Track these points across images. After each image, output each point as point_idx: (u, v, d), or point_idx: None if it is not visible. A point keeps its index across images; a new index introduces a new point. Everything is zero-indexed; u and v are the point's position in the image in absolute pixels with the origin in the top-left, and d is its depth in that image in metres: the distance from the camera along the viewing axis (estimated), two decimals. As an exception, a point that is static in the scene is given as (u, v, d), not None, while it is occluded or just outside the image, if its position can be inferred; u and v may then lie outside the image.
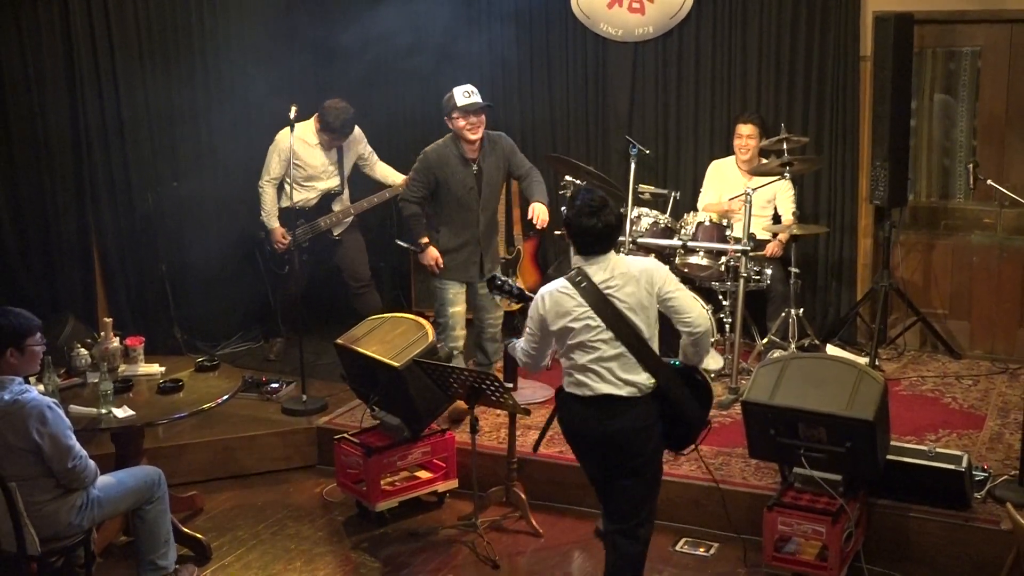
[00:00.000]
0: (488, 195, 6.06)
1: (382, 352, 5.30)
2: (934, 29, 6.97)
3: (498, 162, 6.06)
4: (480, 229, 6.07)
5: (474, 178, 6.00)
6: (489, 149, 6.03)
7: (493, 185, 6.08)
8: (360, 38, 7.64)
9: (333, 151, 6.96)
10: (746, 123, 6.97)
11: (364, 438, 5.53)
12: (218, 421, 6.13)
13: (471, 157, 5.98)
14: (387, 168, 7.16)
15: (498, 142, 6.10)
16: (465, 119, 5.89)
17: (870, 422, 4.40)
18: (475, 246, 6.10)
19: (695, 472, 5.36)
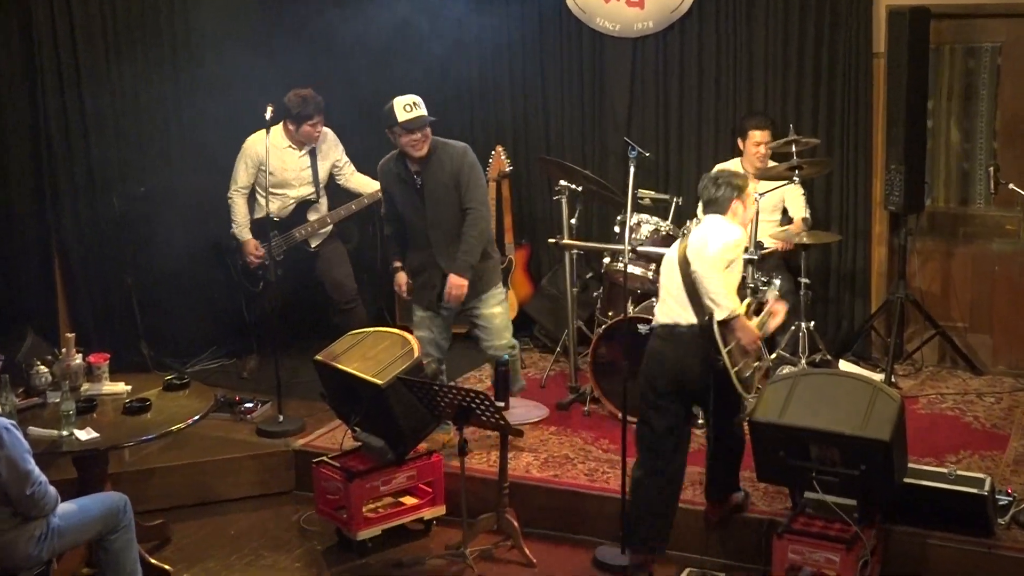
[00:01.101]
0: (437, 213, 5.78)
1: (364, 369, 5.29)
2: (952, 24, 6.99)
3: (446, 180, 5.75)
4: (433, 250, 5.86)
5: (416, 194, 5.80)
6: (436, 162, 5.74)
7: (441, 201, 5.76)
8: (340, 33, 7.66)
9: (305, 156, 6.95)
10: (761, 128, 6.90)
11: (345, 461, 5.52)
12: (188, 444, 6.10)
13: (413, 170, 5.79)
14: (363, 178, 7.14)
15: (451, 157, 5.77)
16: (408, 135, 5.67)
17: (886, 443, 4.40)
18: (433, 269, 5.89)
19: (699, 497, 5.35)
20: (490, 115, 8.14)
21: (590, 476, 5.67)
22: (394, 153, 5.90)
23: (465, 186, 5.77)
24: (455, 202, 5.78)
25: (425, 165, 5.75)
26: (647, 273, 6.62)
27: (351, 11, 7.67)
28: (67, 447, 4.83)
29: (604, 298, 6.96)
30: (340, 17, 7.70)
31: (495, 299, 6.02)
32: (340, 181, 7.15)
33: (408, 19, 7.75)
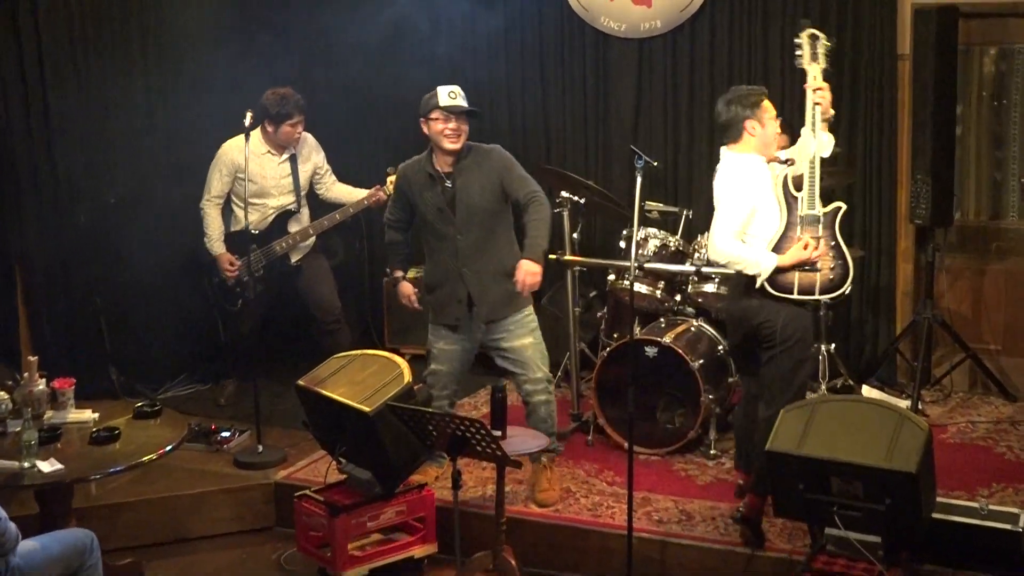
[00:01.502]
0: (468, 217, 5.70)
1: (350, 395, 5.29)
2: (982, 23, 7.03)
3: (483, 181, 5.70)
4: (460, 259, 5.77)
5: (443, 197, 5.74)
6: (471, 163, 5.74)
7: (474, 207, 5.70)
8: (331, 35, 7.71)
9: (285, 163, 6.97)
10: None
11: (329, 495, 5.51)
12: (160, 476, 6.10)
13: (443, 172, 5.76)
14: (345, 188, 7.16)
15: (487, 157, 5.77)
16: (445, 121, 5.67)
17: (913, 475, 4.40)
18: (457, 282, 5.78)
19: (712, 534, 5.36)
20: (486, 121, 8.14)
21: (594, 511, 5.67)
22: (421, 156, 5.87)
23: (515, 179, 5.72)
24: (489, 207, 5.70)
25: (457, 166, 5.72)
26: (655, 291, 6.65)
27: (342, 12, 7.73)
28: (29, 480, 4.83)
29: (609, 319, 6.98)
30: (331, 18, 7.78)
31: (524, 327, 5.80)
32: (320, 191, 7.16)
33: (401, 20, 7.80)
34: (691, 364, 6.15)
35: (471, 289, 5.75)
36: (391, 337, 8.18)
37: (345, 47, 7.92)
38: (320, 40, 7.88)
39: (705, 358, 6.31)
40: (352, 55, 7.99)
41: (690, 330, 6.55)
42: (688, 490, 5.88)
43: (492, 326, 5.78)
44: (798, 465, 4.60)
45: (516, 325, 5.78)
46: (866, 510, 4.52)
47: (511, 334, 5.79)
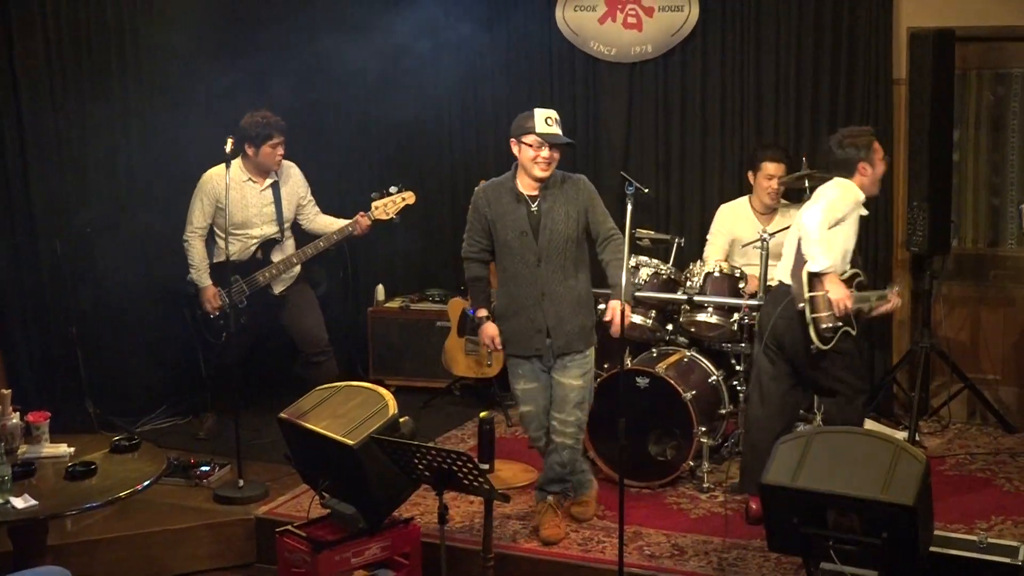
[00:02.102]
0: (550, 243, 5.59)
1: (334, 428, 5.29)
2: (979, 47, 7.09)
3: (568, 208, 5.60)
4: (539, 286, 5.64)
5: (527, 220, 5.63)
6: (558, 191, 5.64)
7: (557, 233, 5.59)
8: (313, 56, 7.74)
9: (268, 191, 6.98)
10: (775, 160, 6.92)
11: (312, 531, 5.50)
12: (138, 511, 6.08)
13: (529, 194, 5.68)
14: (327, 219, 7.17)
15: (575, 185, 5.67)
16: (538, 149, 5.56)
17: (910, 508, 4.41)
18: (536, 308, 5.65)
19: (705, 569, 5.36)
20: (472, 147, 8.22)
21: (584, 546, 5.67)
22: (502, 177, 5.79)
23: (599, 213, 5.69)
24: (571, 234, 5.63)
25: (544, 190, 5.66)
26: (646, 321, 6.66)
27: (331, 36, 7.77)
28: (2, 516, 4.80)
29: (599, 349, 6.98)
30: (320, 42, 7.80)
31: (581, 367, 5.70)
32: (303, 223, 7.18)
33: (389, 45, 7.84)
34: (683, 395, 6.17)
35: (548, 319, 5.65)
36: (375, 369, 8.19)
37: (333, 72, 7.98)
38: (306, 64, 7.91)
39: (698, 389, 6.33)
40: (340, 79, 8.06)
41: (683, 360, 6.57)
42: (680, 524, 5.88)
43: (559, 359, 5.71)
44: (793, 498, 4.61)
45: (574, 363, 5.68)
46: (863, 544, 4.53)
47: (567, 370, 5.70)
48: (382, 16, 7.96)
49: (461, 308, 7.72)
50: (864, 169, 5.68)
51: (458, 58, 8.04)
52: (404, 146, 8.37)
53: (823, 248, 5.54)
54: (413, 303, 8.24)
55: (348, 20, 8.04)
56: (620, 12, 7.65)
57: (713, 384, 6.51)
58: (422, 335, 8.09)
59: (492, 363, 7.63)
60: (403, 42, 7.86)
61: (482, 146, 8.17)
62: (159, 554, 6.00)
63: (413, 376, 8.13)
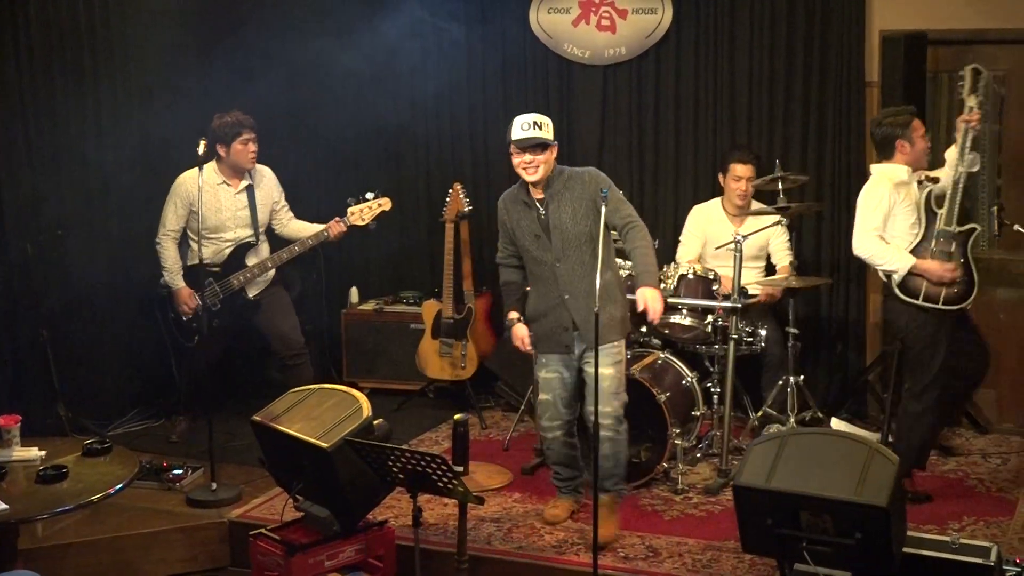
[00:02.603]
0: (563, 243, 5.67)
1: (307, 431, 5.28)
2: (950, 51, 7.14)
3: (575, 205, 5.63)
4: (561, 286, 5.71)
5: (538, 224, 5.71)
6: (561, 188, 5.67)
7: (567, 232, 5.65)
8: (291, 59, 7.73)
9: (243, 193, 6.96)
10: (743, 162, 7.04)
11: (286, 534, 5.49)
12: (110, 515, 6.05)
13: (536, 199, 5.72)
14: (301, 224, 7.15)
15: (578, 180, 5.68)
16: (520, 155, 5.63)
17: (884, 509, 4.43)
18: (561, 310, 5.71)
19: (679, 570, 5.37)
20: (447, 150, 8.22)
21: (558, 548, 5.67)
22: (515, 185, 5.85)
23: (612, 204, 5.62)
24: (583, 230, 5.63)
25: (548, 192, 5.69)
26: (620, 323, 6.67)
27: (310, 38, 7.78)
28: (-28, 520, 4.79)
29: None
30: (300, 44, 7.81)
31: (611, 356, 5.70)
32: (276, 228, 7.16)
33: (360, 49, 7.82)
34: (658, 397, 6.18)
35: (575, 316, 5.68)
36: (349, 371, 8.18)
37: (309, 75, 7.97)
38: (283, 67, 7.88)
39: (672, 391, 6.35)
40: (316, 82, 8.04)
41: (657, 362, 6.59)
42: (655, 525, 5.89)
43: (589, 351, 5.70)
44: (767, 499, 4.63)
45: (603, 353, 5.61)
46: (836, 545, 4.54)
47: (597, 364, 5.62)
48: (358, 20, 7.96)
49: (435, 310, 7.72)
50: (903, 147, 5.91)
51: (433, 61, 8.05)
52: (379, 148, 8.36)
53: (889, 257, 5.91)
54: (387, 305, 8.23)
55: (325, 24, 8.04)
56: (594, 14, 7.67)
57: (687, 386, 6.53)
58: (396, 337, 8.08)
59: (466, 365, 7.64)
60: (378, 46, 7.85)
61: (457, 148, 8.17)
62: (131, 558, 5.98)
63: (387, 378, 8.12)
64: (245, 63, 7.77)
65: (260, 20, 8.06)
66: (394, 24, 7.86)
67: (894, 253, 5.91)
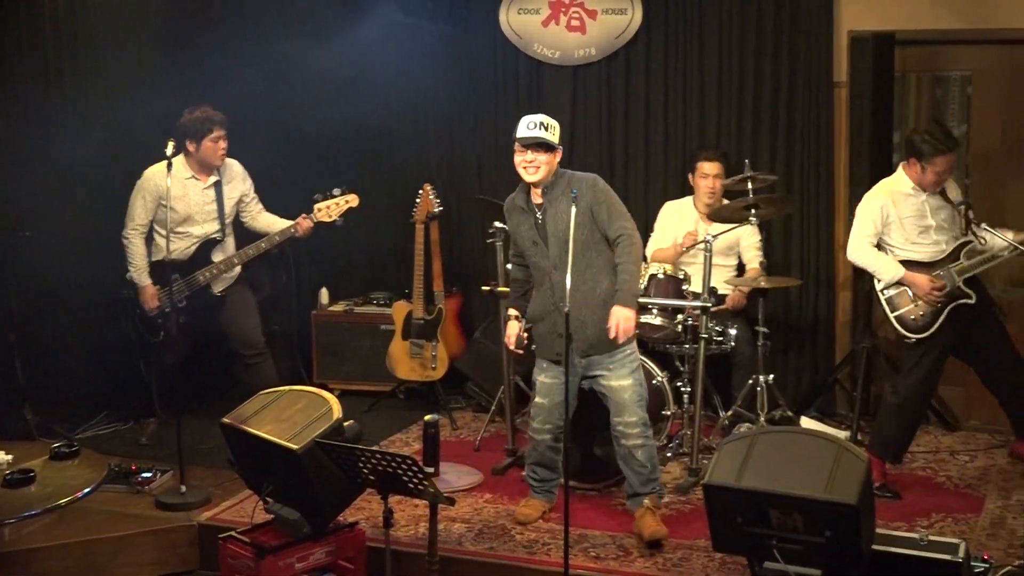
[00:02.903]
0: (559, 251, 5.59)
1: (277, 432, 5.27)
2: (918, 51, 7.18)
3: (571, 210, 5.43)
4: (556, 294, 5.65)
5: (535, 230, 5.69)
6: (560, 194, 5.61)
7: (561, 238, 5.55)
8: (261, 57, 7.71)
9: (211, 188, 6.93)
10: (710, 160, 7.08)
11: (256, 536, 5.47)
12: (78, 519, 6.01)
13: (535, 203, 5.68)
14: (271, 218, 7.11)
15: (578, 186, 5.58)
16: (522, 153, 5.60)
17: (853, 507, 4.45)
18: (556, 314, 5.64)
19: (651, 569, 5.38)
20: (416, 150, 8.20)
21: (529, 548, 5.68)
22: (516, 190, 5.82)
23: (606, 214, 5.62)
24: (580, 237, 5.54)
25: (547, 197, 5.65)
26: (591, 323, 6.67)
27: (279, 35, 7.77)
28: (-61, 524, 4.76)
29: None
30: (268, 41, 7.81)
31: (624, 366, 5.70)
32: (245, 220, 7.12)
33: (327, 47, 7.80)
34: (628, 397, 6.19)
35: (570, 324, 5.51)
36: (320, 372, 8.16)
37: (278, 71, 7.93)
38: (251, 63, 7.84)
39: (642, 390, 6.35)
40: (284, 80, 8.01)
41: (627, 362, 6.59)
42: (626, 525, 5.89)
43: (592, 359, 5.70)
44: (737, 498, 4.64)
45: (616, 364, 5.66)
46: (806, 543, 4.56)
47: (611, 373, 5.70)
48: (327, 19, 7.95)
49: (405, 311, 7.71)
50: (912, 163, 6.05)
51: (402, 62, 8.03)
52: (348, 147, 8.34)
53: (879, 266, 6.14)
54: (357, 306, 8.21)
55: (297, 23, 8.01)
56: (564, 15, 7.68)
57: (657, 385, 6.54)
58: (366, 338, 8.07)
59: (436, 366, 7.63)
60: (349, 46, 7.83)
61: (426, 148, 8.16)
62: (100, 562, 5.94)
63: (357, 380, 8.11)
64: (215, 60, 7.73)
65: (231, 18, 8.02)
66: (365, 24, 7.84)
67: (884, 262, 6.12)
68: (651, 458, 5.78)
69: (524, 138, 5.58)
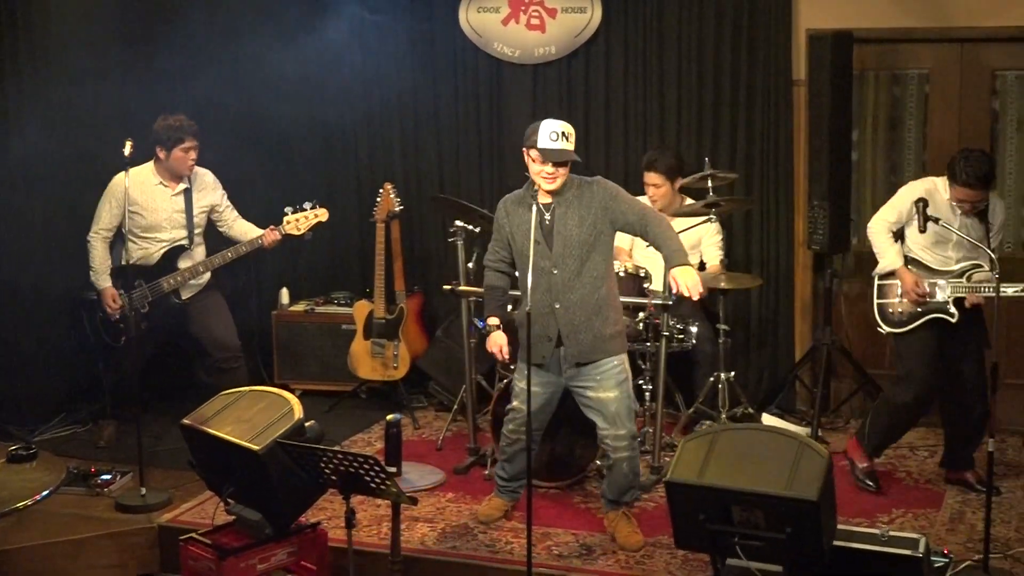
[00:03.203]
0: (564, 251, 5.52)
1: (238, 433, 5.24)
2: (876, 49, 7.23)
3: (583, 213, 5.50)
4: (553, 294, 5.56)
5: (540, 229, 5.52)
6: (571, 196, 5.54)
7: (571, 240, 5.51)
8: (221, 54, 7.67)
9: (179, 196, 6.88)
10: (649, 171, 7.02)
11: (217, 538, 5.44)
12: (36, 522, 5.97)
13: (543, 203, 5.57)
14: (246, 225, 7.08)
15: (588, 189, 5.56)
16: (543, 163, 5.48)
17: (814, 503, 4.48)
18: (548, 316, 5.57)
19: (613, 567, 5.40)
20: (377, 149, 8.18)
21: (492, 547, 5.68)
22: (522, 188, 5.72)
23: (622, 203, 5.56)
24: (587, 239, 5.52)
25: (558, 198, 5.57)
26: (552, 321, 6.67)
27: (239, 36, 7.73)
28: None
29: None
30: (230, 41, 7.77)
31: (612, 378, 5.60)
32: (222, 229, 7.09)
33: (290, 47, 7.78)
34: (590, 395, 6.20)
35: (561, 327, 5.57)
36: (281, 372, 8.12)
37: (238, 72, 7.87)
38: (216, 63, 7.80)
39: (604, 388, 6.36)
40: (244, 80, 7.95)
41: (589, 360, 6.60)
42: (588, 523, 5.91)
43: (580, 369, 5.62)
44: (699, 495, 4.66)
45: (604, 375, 5.60)
46: (767, 539, 4.58)
47: (599, 384, 5.62)
48: (285, 19, 7.91)
49: (367, 311, 7.69)
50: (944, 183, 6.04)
51: (362, 61, 8.02)
52: (308, 145, 8.31)
53: (883, 251, 6.20)
54: (318, 306, 8.18)
55: (259, 22, 7.95)
56: (523, 13, 7.68)
57: (619, 383, 6.55)
58: (327, 338, 8.04)
59: (398, 366, 7.62)
60: (306, 44, 7.81)
61: (387, 147, 8.14)
62: (59, 566, 5.91)
63: (319, 380, 8.07)
64: (172, 62, 7.67)
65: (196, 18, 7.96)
66: (324, 24, 7.82)
67: (888, 249, 6.17)
68: (635, 468, 5.77)
69: (549, 151, 5.43)
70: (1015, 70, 7.12)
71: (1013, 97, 7.14)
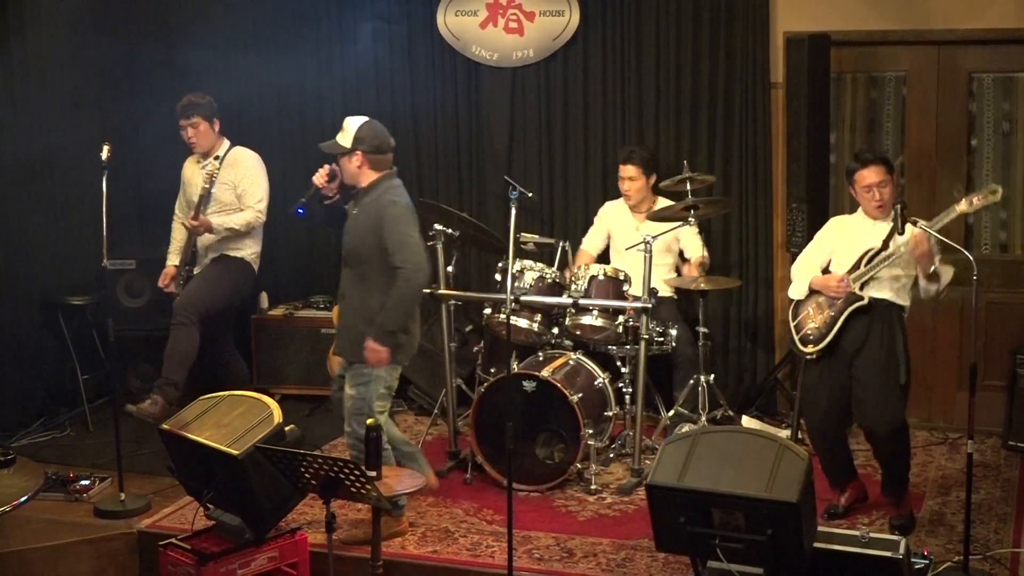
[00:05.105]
0: (348, 248, 5.78)
1: (218, 438, 5.23)
2: (853, 52, 7.26)
3: (368, 224, 5.68)
4: (342, 287, 5.90)
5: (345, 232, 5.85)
6: (370, 203, 5.72)
7: (352, 240, 5.76)
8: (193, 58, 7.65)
9: (204, 170, 6.94)
10: (625, 163, 7.12)
11: (197, 543, 5.43)
12: (14, 528, 5.95)
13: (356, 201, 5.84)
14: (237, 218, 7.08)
15: (377, 201, 5.72)
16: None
17: (794, 505, 4.49)
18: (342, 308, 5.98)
19: (594, 570, 5.40)
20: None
21: (473, 551, 5.68)
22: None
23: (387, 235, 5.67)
24: (360, 248, 5.73)
25: (363, 198, 5.78)
26: (532, 325, 6.68)
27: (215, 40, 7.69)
28: None
29: (485, 353, 7.01)
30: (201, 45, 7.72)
31: (355, 378, 5.77)
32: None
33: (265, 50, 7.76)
34: (570, 398, 6.21)
35: (343, 318, 5.87)
36: (260, 377, 8.09)
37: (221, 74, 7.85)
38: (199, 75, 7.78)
39: (584, 391, 6.38)
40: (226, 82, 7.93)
41: (568, 363, 6.61)
42: (569, 526, 5.92)
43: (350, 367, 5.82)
44: (679, 498, 4.67)
45: (353, 374, 5.77)
46: (748, 541, 4.59)
47: (348, 380, 5.81)
48: (262, 23, 7.90)
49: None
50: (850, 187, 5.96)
51: (339, 63, 8.00)
52: (287, 151, 8.28)
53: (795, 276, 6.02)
54: (297, 310, 8.16)
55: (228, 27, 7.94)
56: (501, 17, 7.68)
57: (599, 387, 6.56)
58: (307, 342, 8.02)
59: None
60: (283, 48, 7.80)
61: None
62: (38, 572, 5.88)
63: (298, 384, 8.05)
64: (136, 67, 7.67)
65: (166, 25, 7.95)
66: (300, 28, 7.81)
67: (797, 278, 5.99)
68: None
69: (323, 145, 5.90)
70: (992, 72, 7.16)
71: (990, 99, 7.18)
